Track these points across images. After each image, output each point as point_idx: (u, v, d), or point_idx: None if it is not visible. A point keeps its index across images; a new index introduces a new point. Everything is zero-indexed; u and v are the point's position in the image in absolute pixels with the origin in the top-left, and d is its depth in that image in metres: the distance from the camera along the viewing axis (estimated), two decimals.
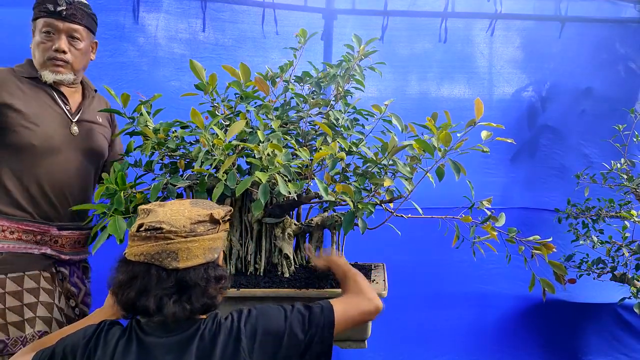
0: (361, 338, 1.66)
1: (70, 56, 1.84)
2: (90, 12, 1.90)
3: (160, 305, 1.16)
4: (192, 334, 1.21)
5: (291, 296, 1.63)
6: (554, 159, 3.37)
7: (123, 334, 1.23)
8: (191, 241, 1.20)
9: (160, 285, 1.16)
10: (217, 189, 1.46)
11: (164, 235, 1.18)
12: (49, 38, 1.81)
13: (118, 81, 2.85)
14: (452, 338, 3.33)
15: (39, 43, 1.82)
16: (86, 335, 1.24)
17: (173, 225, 1.19)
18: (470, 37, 3.32)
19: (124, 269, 1.20)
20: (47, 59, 1.82)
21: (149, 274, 1.17)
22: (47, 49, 1.81)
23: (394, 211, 1.77)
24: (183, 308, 1.18)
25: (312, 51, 3.06)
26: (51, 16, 1.80)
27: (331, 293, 1.62)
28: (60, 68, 1.83)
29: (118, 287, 1.19)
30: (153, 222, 1.19)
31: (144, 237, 1.18)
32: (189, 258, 1.19)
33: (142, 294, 1.17)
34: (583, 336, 3.34)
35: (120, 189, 1.62)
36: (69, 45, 1.84)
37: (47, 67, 1.82)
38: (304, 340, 1.26)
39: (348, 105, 1.91)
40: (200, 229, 1.22)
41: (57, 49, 1.81)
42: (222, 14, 3.06)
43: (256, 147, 1.49)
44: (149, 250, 1.17)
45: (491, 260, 3.10)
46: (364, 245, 2.21)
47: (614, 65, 3.36)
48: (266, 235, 1.83)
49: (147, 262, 1.18)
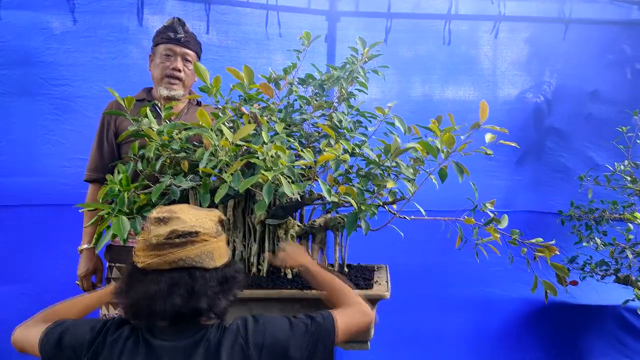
0: (364, 339, 1.66)
1: (184, 75, 2.23)
2: (199, 41, 2.32)
3: (209, 304, 1.21)
4: (198, 339, 1.22)
5: (294, 297, 1.63)
6: (559, 161, 3.36)
7: (130, 334, 1.24)
8: (220, 240, 1.29)
9: (208, 285, 1.21)
10: (221, 190, 1.46)
11: (201, 238, 1.22)
12: (167, 59, 2.22)
13: (122, 83, 2.87)
14: (454, 340, 3.33)
15: (159, 64, 2.22)
16: (93, 331, 1.25)
17: (205, 227, 1.25)
18: (474, 39, 3.31)
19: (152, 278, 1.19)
20: (165, 75, 2.20)
21: (193, 277, 1.20)
22: (166, 67, 2.20)
23: (397, 213, 1.77)
24: (227, 301, 1.26)
25: (316, 53, 3.07)
26: (170, 42, 2.22)
27: None
28: (174, 85, 2.22)
29: (150, 299, 1.18)
30: (186, 227, 1.22)
31: (178, 243, 1.20)
32: (221, 256, 1.27)
33: (191, 298, 1.19)
34: (586, 338, 3.33)
35: (124, 189, 1.63)
36: (183, 66, 2.22)
37: (163, 83, 2.21)
38: (307, 350, 1.28)
39: (351, 108, 1.91)
40: (220, 228, 1.32)
41: (174, 67, 2.20)
42: (225, 16, 3.08)
43: (260, 148, 1.50)
44: (188, 254, 1.20)
45: (494, 263, 3.10)
46: (367, 246, 2.21)
47: (619, 67, 3.35)
48: (269, 237, 1.83)
49: (186, 267, 1.20)
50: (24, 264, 2.86)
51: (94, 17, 2.89)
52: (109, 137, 2.22)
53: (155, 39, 2.27)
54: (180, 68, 2.22)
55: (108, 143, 2.23)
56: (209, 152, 1.53)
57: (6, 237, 2.85)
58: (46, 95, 2.85)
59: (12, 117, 2.83)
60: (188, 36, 2.25)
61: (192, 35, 2.28)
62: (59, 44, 2.85)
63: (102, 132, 2.24)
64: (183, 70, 2.23)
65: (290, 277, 1.77)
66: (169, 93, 2.20)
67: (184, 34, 2.23)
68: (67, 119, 2.87)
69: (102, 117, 2.26)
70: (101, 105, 2.28)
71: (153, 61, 2.27)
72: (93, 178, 2.24)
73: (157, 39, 2.25)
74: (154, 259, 1.20)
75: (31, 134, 2.85)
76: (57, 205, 2.84)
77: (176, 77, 2.21)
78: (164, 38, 2.22)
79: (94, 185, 2.25)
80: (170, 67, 2.20)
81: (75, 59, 2.87)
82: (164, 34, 2.23)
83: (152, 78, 2.28)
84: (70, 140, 2.87)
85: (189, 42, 2.24)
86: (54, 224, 2.85)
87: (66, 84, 2.87)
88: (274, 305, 1.63)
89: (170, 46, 2.22)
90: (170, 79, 2.21)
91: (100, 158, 2.23)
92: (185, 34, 2.24)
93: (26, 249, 2.87)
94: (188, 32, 2.26)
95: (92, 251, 2.19)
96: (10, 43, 2.79)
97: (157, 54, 2.25)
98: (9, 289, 2.84)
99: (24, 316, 1.38)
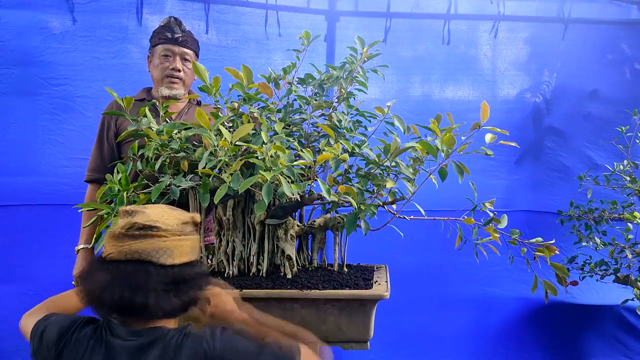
0: (363, 339, 1.66)
1: (183, 74, 2.23)
2: (196, 39, 2.31)
3: (157, 301, 1.18)
4: (155, 339, 1.21)
5: (294, 297, 1.63)
6: (558, 161, 3.36)
7: (93, 334, 1.24)
8: (184, 240, 1.26)
9: (159, 281, 1.19)
10: (221, 190, 1.46)
11: (159, 233, 1.21)
12: (166, 60, 2.21)
13: (121, 83, 2.87)
14: (454, 340, 3.33)
15: (159, 64, 2.21)
16: (62, 329, 1.26)
17: (166, 224, 1.23)
18: (474, 39, 3.31)
19: (108, 268, 1.20)
20: (165, 76, 2.20)
21: (145, 271, 1.19)
22: (165, 68, 2.20)
23: (397, 213, 1.77)
24: (180, 301, 1.22)
25: (315, 52, 3.07)
26: (168, 42, 2.21)
27: (333, 294, 1.62)
28: (175, 85, 2.22)
29: (102, 288, 1.18)
30: (147, 221, 1.21)
31: (137, 235, 1.20)
32: (182, 255, 1.24)
33: (138, 291, 1.17)
34: (586, 338, 3.34)
35: (123, 189, 1.63)
36: (182, 66, 2.22)
37: (164, 83, 2.21)
38: None
39: (351, 107, 1.91)
40: (187, 229, 1.29)
41: (174, 68, 2.20)
42: (225, 16, 3.07)
43: (259, 148, 1.50)
44: (145, 248, 1.19)
45: (494, 263, 3.10)
46: (367, 246, 2.21)
47: (619, 66, 3.35)
48: (269, 237, 1.83)
49: (141, 259, 1.19)
50: (23, 263, 2.86)
51: (93, 16, 2.89)
52: (109, 138, 2.23)
53: (152, 40, 2.27)
54: (180, 68, 2.22)
55: (108, 143, 2.23)
56: (209, 152, 1.53)
57: (5, 237, 2.85)
58: (45, 95, 2.84)
59: (11, 117, 2.83)
60: (186, 35, 2.25)
61: (189, 34, 2.28)
62: (58, 44, 2.85)
63: (102, 132, 2.24)
64: (182, 69, 2.23)
65: (290, 277, 1.77)
66: (171, 93, 2.20)
67: (182, 34, 2.23)
68: (66, 119, 2.87)
69: (102, 118, 2.26)
70: (101, 105, 2.28)
71: (152, 62, 2.27)
72: (93, 178, 2.24)
73: (155, 40, 2.25)
74: (114, 249, 1.21)
75: (30, 133, 2.85)
76: (57, 205, 2.84)
77: (176, 77, 2.22)
78: (161, 38, 2.22)
79: (93, 185, 2.25)
80: (170, 68, 2.20)
81: (75, 59, 2.87)
82: (162, 34, 2.22)
83: (152, 78, 2.28)
84: (70, 140, 2.87)
85: (186, 42, 2.24)
86: (53, 223, 2.85)
87: (65, 83, 2.86)
88: (273, 305, 1.63)
89: (168, 46, 2.21)
90: (171, 79, 2.21)
91: (101, 158, 2.23)
92: (182, 34, 2.23)
93: (25, 249, 2.87)
94: (185, 31, 2.26)
95: (89, 251, 2.17)
96: (9, 43, 2.79)
97: (155, 54, 2.25)
98: (7, 288, 2.83)
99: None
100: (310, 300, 1.62)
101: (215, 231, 1.89)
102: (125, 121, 2.10)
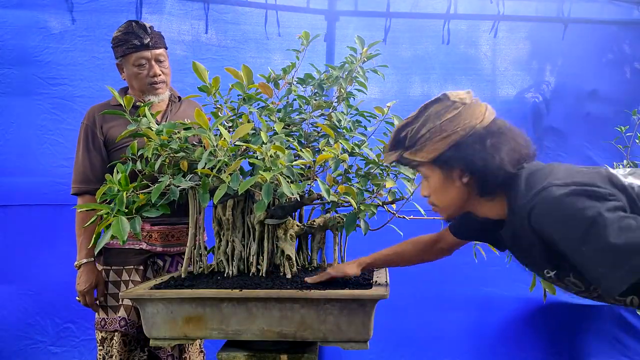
0: (363, 339, 1.66)
1: (164, 76, 2.16)
2: (160, 33, 2.20)
3: None
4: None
5: (293, 297, 1.63)
6: (558, 161, 3.35)
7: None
8: None
9: None
10: (220, 190, 1.46)
11: None
12: (143, 68, 2.12)
13: (120, 82, 2.85)
14: (453, 339, 3.33)
15: (136, 74, 2.13)
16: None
17: None
18: (473, 38, 3.32)
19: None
20: (148, 84, 2.13)
21: None
22: (145, 77, 2.12)
23: (396, 212, 1.77)
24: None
25: (315, 52, 3.07)
26: (139, 49, 2.09)
27: (333, 294, 1.62)
28: (159, 90, 2.15)
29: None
30: None
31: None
32: None
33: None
34: (584, 337, 3.34)
35: (123, 189, 1.62)
36: (159, 69, 2.14)
37: (149, 92, 2.14)
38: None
39: (350, 107, 1.91)
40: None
41: (154, 74, 2.12)
42: (224, 16, 3.07)
43: (259, 148, 1.50)
44: None
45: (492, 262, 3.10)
46: (366, 246, 2.20)
47: (618, 66, 3.35)
48: (268, 237, 1.83)
49: None
50: (22, 263, 2.86)
51: (92, 16, 2.89)
52: (96, 146, 2.14)
53: (118, 50, 2.14)
54: (159, 72, 2.14)
55: (97, 152, 2.14)
56: (208, 152, 1.53)
57: (5, 237, 2.84)
58: (44, 94, 2.84)
59: (10, 116, 2.83)
60: (152, 35, 2.12)
61: (155, 33, 2.16)
62: (57, 43, 2.84)
63: (88, 141, 2.14)
64: (162, 72, 2.15)
65: (290, 277, 1.77)
66: (158, 98, 2.15)
67: (149, 37, 2.10)
68: (65, 119, 2.87)
69: (84, 128, 2.16)
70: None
71: (125, 71, 2.17)
72: (84, 190, 2.12)
73: (122, 50, 2.12)
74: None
75: (29, 133, 2.84)
76: (56, 205, 2.83)
77: (159, 82, 2.15)
78: (130, 47, 2.10)
79: (84, 197, 2.13)
80: (151, 75, 2.12)
81: (74, 59, 2.86)
82: (128, 42, 2.10)
83: (130, 87, 2.20)
84: (69, 140, 2.85)
85: (156, 42, 2.14)
86: (52, 224, 2.85)
87: (64, 83, 2.86)
88: (273, 305, 1.63)
89: (139, 54, 2.10)
90: (154, 86, 2.14)
91: (91, 168, 2.13)
92: (149, 36, 2.11)
93: (25, 249, 2.87)
94: (150, 32, 2.13)
95: (92, 265, 2.10)
96: (8, 42, 2.79)
97: (127, 63, 2.14)
98: (7, 288, 2.83)
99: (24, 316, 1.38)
100: (310, 300, 1.62)
101: (215, 231, 1.89)
102: (115, 127, 2.08)
